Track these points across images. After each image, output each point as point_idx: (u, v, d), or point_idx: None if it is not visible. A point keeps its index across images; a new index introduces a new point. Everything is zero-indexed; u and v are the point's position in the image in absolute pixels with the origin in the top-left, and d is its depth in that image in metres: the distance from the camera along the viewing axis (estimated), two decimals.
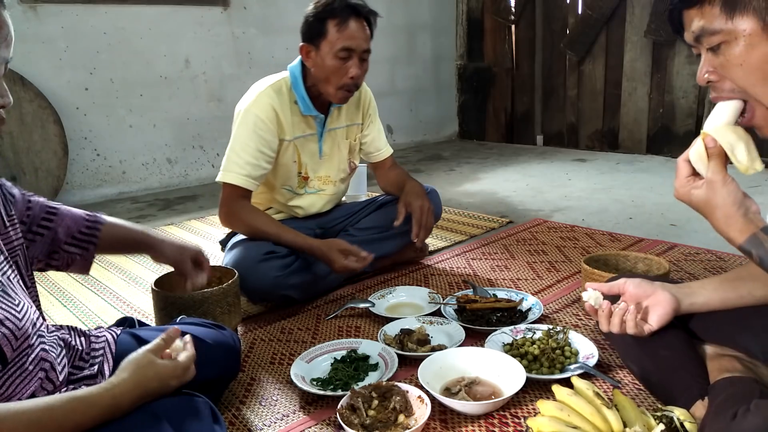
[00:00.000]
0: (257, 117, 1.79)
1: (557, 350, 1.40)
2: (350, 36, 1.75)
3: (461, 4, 5.26)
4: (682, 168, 0.99)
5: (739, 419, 0.85)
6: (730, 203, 0.92)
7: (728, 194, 0.93)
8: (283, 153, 1.88)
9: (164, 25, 3.71)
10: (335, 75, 1.77)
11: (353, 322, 1.75)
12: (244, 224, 1.83)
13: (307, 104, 1.87)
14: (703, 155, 0.96)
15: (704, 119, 3.98)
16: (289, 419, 1.28)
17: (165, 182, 3.88)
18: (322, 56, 1.77)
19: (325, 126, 1.95)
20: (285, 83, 1.87)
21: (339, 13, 1.74)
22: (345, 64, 1.76)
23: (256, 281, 1.72)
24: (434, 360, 1.37)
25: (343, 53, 1.75)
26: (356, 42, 1.76)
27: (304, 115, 1.89)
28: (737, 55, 0.88)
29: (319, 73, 1.80)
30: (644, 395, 1.28)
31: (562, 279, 2.02)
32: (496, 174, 3.92)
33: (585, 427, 1.06)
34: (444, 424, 1.23)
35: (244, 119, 1.81)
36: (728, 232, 0.93)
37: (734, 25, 0.87)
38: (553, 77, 4.88)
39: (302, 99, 1.86)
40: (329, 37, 1.75)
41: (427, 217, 1.95)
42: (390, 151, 2.18)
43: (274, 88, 1.84)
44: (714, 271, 2.03)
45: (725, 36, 0.88)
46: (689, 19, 0.92)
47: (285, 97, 1.85)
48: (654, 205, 2.96)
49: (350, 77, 1.78)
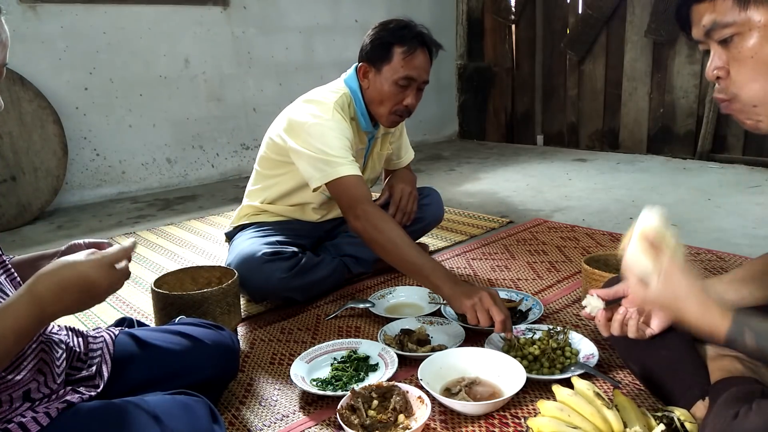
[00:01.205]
0: (337, 123, 1.73)
1: (558, 350, 1.40)
2: (415, 66, 1.75)
3: (461, 3, 5.26)
4: (631, 275, 0.95)
5: (741, 419, 0.84)
6: (699, 290, 0.88)
7: (694, 281, 0.89)
8: None
9: (164, 24, 3.70)
10: (391, 100, 1.77)
11: (353, 322, 1.75)
12: (386, 240, 1.56)
13: (368, 121, 1.86)
14: (644, 254, 0.93)
15: (705, 119, 3.99)
16: (289, 419, 1.28)
17: (165, 182, 3.87)
18: (382, 80, 1.77)
19: (371, 142, 1.97)
20: (347, 98, 1.84)
21: (408, 41, 1.74)
22: (404, 92, 1.77)
23: (260, 282, 1.72)
24: (434, 360, 1.36)
25: (404, 81, 1.75)
26: (418, 72, 1.76)
27: (360, 131, 1.89)
28: (750, 47, 0.87)
29: (375, 95, 1.80)
30: (645, 395, 1.28)
31: (562, 279, 2.02)
32: (496, 174, 3.92)
33: (585, 427, 1.06)
34: (444, 425, 1.23)
35: (320, 128, 1.71)
36: (709, 321, 0.86)
37: (748, 17, 0.86)
38: (554, 77, 4.88)
39: (363, 115, 1.85)
40: (393, 63, 1.74)
41: (407, 201, 1.96)
42: (411, 157, 2.20)
43: (339, 104, 1.80)
44: (714, 271, 2.03)
45: (738, 28, 0.87)
46: (699, 14, 0.91)
47: (348, 112, 1.83)
48: (654, 205, 2.95)
49: (405, 105, 1.78)
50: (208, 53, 3.92)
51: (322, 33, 4.41)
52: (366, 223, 1.59)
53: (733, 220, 2.63)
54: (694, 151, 4.11)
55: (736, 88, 0.91)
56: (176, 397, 0.98)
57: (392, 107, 1.79)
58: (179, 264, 2.36)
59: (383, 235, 1.57)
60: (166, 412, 0.91)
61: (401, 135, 2.15)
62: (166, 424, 0.89)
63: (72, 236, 2.84)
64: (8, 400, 0.86)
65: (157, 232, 2.87)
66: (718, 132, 4.00)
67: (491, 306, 1.39)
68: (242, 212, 2.03)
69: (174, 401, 0.96)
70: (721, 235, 2.45)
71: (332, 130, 1.72)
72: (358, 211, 1.61)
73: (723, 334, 0.86)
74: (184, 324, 1.26)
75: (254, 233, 1.89)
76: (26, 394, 0.88)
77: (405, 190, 1.98)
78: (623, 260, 0.96)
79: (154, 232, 2.87)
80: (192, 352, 1.13)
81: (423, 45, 1.77)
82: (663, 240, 0.93)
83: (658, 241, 0.92)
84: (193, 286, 1.67)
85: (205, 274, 1.71)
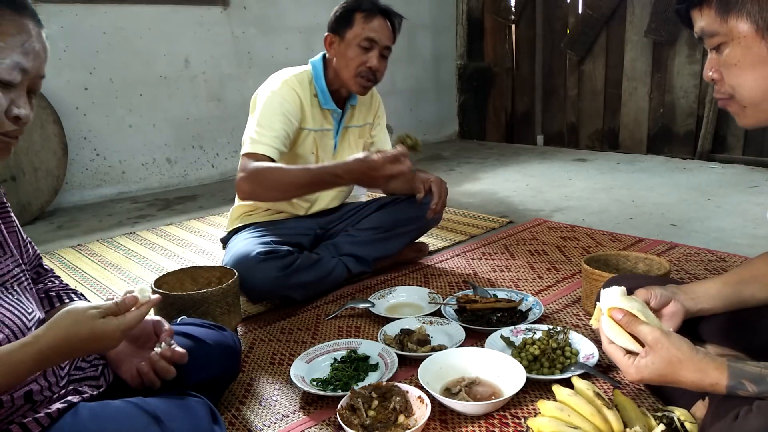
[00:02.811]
0: (284, 98, 1.85)
1: (557, 350, 1.40)
2: (375, 29, 1.85)
3: (461, 3, 5.25)
4: (615, 352, 0.97)
5: (741, 420, 0.84)
6: (688, 348, 0.89)
7: (680, 341, 0.90)
8: (302, 143, 1.92)
9: (164, 24, 3.70)
10: (355, 62, 1.85)
11: (353, 322, 1.75)
12: (272, 177, 1.70)
13: (327, 97, 1.93)
14: (622, 331, 0.95)
15: (705, 119, 3.99)
16: (289, 419, 1.28)
17: (164, 182, 3.87)
18: (346, 44, 1.86)
19: (341, 123, 2.01)
20: (307, 75, 1.94)
21: (367, 7, 1.85)
22: (366, 54, 1.85)
23: (256, 281, 1.72)
24: (434, 360, 1.36)
25: (366, 43, 1.84)
26: (379, 35, 1.86)
27: (322, 109, 1.95)
28: (732, 56, 0.91)
29: (340, 61, 1.88)
30: (645, 395, 1.28)
31: (562, 279, 2.02)
32: (496, 174, 3.92)
33: (585, 427, 1.06)
34: (444, 425, 1.23)
35: (269, 101, 1.84)
36: (707, 378, 0.87)
37: (729, 28, 0.90)
38: (554, 77, 4.88)
39: (322, 92, 1.93)
40: (355, 27, 1.85)
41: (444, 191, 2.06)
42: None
43: (298, 78, 1.91)
44: (714, 271, 2.03)
45: (723, 37, 0.92)
46: (694, 18, 0.96)
47: (307, 89, 1.92)
48: (654, 205, 2.96)
49: (368, 66, 1.85)
50: (208, 53, 3.92)
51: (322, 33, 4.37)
52: (249, 173, 1.70)
53: (733, 220, 2.63)
54: (694, 151, 4.11)
55: (731, 89, 0.95)
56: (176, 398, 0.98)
57: (356, 68, 1.86)
58: (179, 264, 2.36)
59: (270, 172, 1.70)
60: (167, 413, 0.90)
61: (379, 125, 2.18)
62: (166, 424, 0.89)
63: (72, 236, 2.84)
64: (9, 400, 0.86)
65: (157, 232, 2.87)
66: (718, 132, 4.00)
67: (384, 157, 1.60)
68: (234, 214, 2.03)
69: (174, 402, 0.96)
70: (721, 235, 2.45)
71: (277, 105, 1.81)
72: (246, 171, 1.70)
73: (724, 390, 0.87)
74: (186, 324, 1.26)
75: (249, 234, 1.89)
76: (28, 395, 0.88)
77: (438, 181, 2.06)
78: (603, 343, 0.99)
79: (154, 232, 2.87)
80: (194, 353, 1.13)
81: (383, 13, 1.88)
82: (633, 316, 0.95)
83: (628, 321, 0.94)
84: (193, 286, 1.67)
85: (205, 274, 1.71)
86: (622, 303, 0.97)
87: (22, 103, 0.82)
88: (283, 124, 1.82)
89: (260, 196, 1.80)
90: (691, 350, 0.90)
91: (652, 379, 0.92)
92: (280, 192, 1.75)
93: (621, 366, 0.96)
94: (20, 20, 0.80)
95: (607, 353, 0.99)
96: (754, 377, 0.86)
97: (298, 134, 1.90)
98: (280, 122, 1.81)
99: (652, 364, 0.91)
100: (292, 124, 1.85)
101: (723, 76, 0.95)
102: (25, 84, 0.83)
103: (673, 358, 0.89)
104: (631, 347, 0.95)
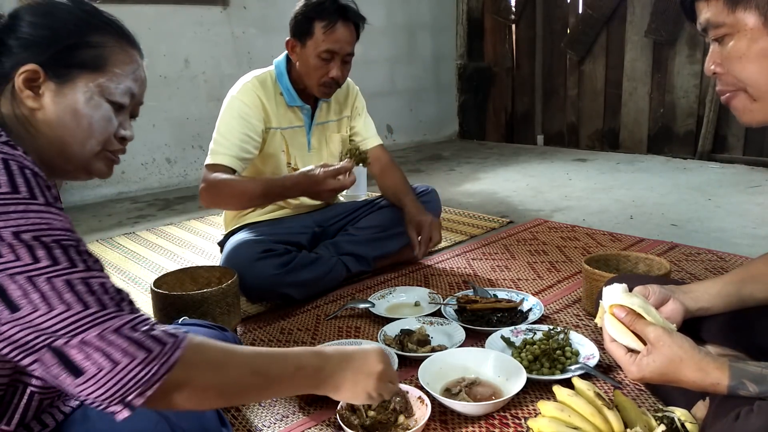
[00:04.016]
0: (242, 102, 1.85)
1: (558, 351, 1.39)
2: (335, 40, 1.80)
3: (461, 3, 5.25)
4: (616, 350, 0.97)
5: (742, 420, 0.84)
6: (689, 347, 0.89)
7: (682, 340, 0.90)
8: (270, 141, 1.91)
9: (164, 24, 3.70)
10: (316, 72, 1.83)
11: (353, 322, 1.75)
12: (226, 188, 1.76)
13: (292, 95, 1.92)
14: (624, 329, 0.95)
15: (705, 119, 3.99)
16: (289, 420, 1.28)
17: (164, 182, 3.87)
18: (306, 54, 1.83)
19: (313, 119, 2.00)
20: (270, 75, 1.94)
21: (327, 15, 1.78)
22: (327, 65, 1.82)
23: (253, 280, 1.72)
24: (434, 360, 1.36)
25: (326, 55, 1.81)
26: (339, 46, 1.81)
27: (291, 107, 1.94)
28: (738, 48, 0.90)
29: (303, 68, 1.86)
30: (645, 396, 1.28)
31: (562, 279, 2.02)
32: (496, 174, 3.92)
33: (586, 427, 1.06)
34: (444, 425, 1.22)
35: (228, 106, 1.87)
36: (708, 378, 0.87)
37: (736, 19, 0.89)
38: (554, 77, 4.87)
39: (287, 90, 1.92)
40: (315, 38, 1.80)
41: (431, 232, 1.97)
42: (377, 141, 2.18)
43: (259, 79, 1.91)
44: (715, 271, 2.02)
45: (729, 29, 0.90)
46: (699, 9, 0.94)
47: (270, 89, 1.91)
48: (654, 205, 2.96)
49: (331, 77, 1.83)
50: (208, 53, 3.92)
51: None
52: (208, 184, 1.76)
53: (733, 220, 2.63)
54: (694, 151, 4.11)
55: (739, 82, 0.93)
56: None
57: (319, 79, 1.84)
58: (179, 264, 2.36)
59: (225, 184, 1.75)
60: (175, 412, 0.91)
61: (359, 116, 2.14)
62: (175, 422, 0.90)
63: None
64: None
65: (157, 232, 2.87)
66: (719, 132, 4.00)
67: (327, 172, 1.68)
68: (228, 216, 2.03)
69: None
70: (721, 235, 2.44)
71: (236, 110, 1.83)
72: (212, 189, 1.76)
73: (725, 390, 0.87)
74: (187, 325, 1.26)
75: (246, 234, 1.89)
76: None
77: (425, 222, 1.96)
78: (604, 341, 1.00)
79: (154, 232, 2.87)
80: None
81: (344, 18, 1.80)
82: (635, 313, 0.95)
83: (630, 319, 0.94)
84: (192, 286, 1.67)
85: (204, 274, 1.71)
86: (624, 300, 0.97)
87: (127, 125, 0.92)
88: (243, 128, 1.82)
89: (220, 205, 1.88)
90: (692, 349, 0.90)
91: (654, 377, 0.92)
92: (237, 203, 1.83)
93: (622, 364, 0.96)
94: (132, 51, 0.91)
95: (609, 351, 0.99)
96: (755, 377, 0.86)
97: (266, 134, 1.90)
98: (239, 127, 1.82)
99: (654, 362, 0.91)
100: (254, 126, 1.84)
101: (726, 69, 0.94)
102: (129, 108, 0.92)
103: (675, 357, 0.89)
104: (633, 345, 0.95)
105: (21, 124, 0.82)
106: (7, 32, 0.82)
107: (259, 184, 1.79)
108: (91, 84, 0.84)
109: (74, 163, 0.86)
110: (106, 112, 0.86)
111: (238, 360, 0.83)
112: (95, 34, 0.86)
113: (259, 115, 1.86)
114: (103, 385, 0.69)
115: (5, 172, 0.69)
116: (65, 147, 0.84)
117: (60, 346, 0.68)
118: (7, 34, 0.82)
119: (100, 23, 0.88)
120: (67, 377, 0.68)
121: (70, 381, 0.68)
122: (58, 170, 0.86)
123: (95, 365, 0.68)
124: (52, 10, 0.85)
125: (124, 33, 0.91)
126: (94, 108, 0.85)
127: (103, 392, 0.69)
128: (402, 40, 5.02)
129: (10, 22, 0.83)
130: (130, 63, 0.89)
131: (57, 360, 0.68)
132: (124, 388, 0.70)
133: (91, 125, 0.85)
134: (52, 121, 0.82)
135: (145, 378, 0.71)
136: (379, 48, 4.81)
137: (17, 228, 0.68)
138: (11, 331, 0.67)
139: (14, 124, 0.81)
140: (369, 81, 4.43)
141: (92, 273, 0.72)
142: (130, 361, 0.70)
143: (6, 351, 0.68)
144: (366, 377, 0.98)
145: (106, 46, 0.86)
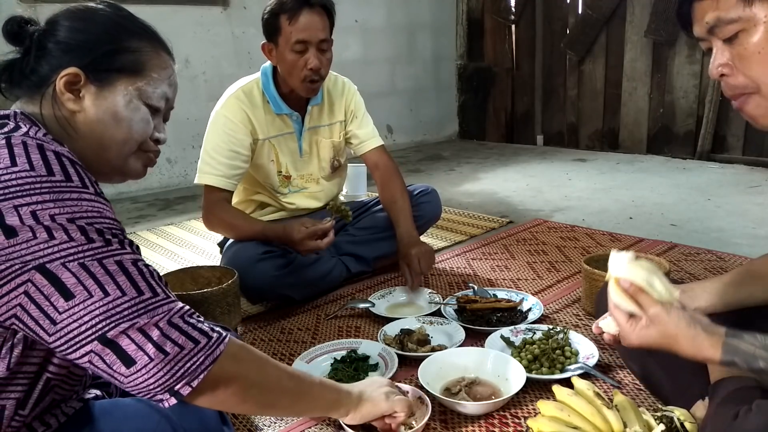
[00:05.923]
0: (226, 118, 1.83)
1: (557, 350, 1.40)
2: (302, 28, 1.73)
3: (461, 3, 5.26)
4: (618, 316, 0.98)
5: (741, 419, 0.84)
6: (685, 325, 0.90)
7: (678, 318, 0.91)
8: (259, 152, 1.90)
9: (164, 25, 3.60)
10: (295, 68, 1.78)
11: (353, 322, 1.75)
12: (222, 222, 1.86)
13: (278, 103, 1.89)
14: (627, 298, 0.96)
15: (705, 119, 3.99)
16: (289, 419, 1.28)
17: (165, 182, 3.87)
18: (281, 52, 1.78)
19: (304, 124, 1.96)
20: (256, 84, 1.90)
21: (289, 7, 1.73)
22: (303, 57, 1.76)
23: (253, 280, 1.72)
24: (434, 360, 1.36)
25: (299, 46, 1.75)
26: (309, 33, 1.74)
27: (279, 114, 1.90)
28: (756, 42, 0.85)
29: (283, 68, 1.82)
30: (644, 395, 1.28)
31: (562, 279, 2.02)
32: (496, 174, 3.92)
33: (585, 427, 1.06)
34: (444, 425, 1.23)
35: (214, 122, 1.85)
36: (702, 352, 0.89)
37: (753, 12, 0.84)
38: (553, 77, 4.88)
39: (272, 98, 1.88)
40: (284, 32, 1.75)
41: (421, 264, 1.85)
42: (377, 143, 2.09)
43: (245, 90, 1.87)
44: (714, 271, 2.03)
45: (743, 24, 0.85)
46: (702, 11, 0.89)
47: (257, 98, 1.87)
48: (654, 205, 2.96)
49: (309, 68, 1.77)
50: (208, 53, 3.92)
51: None
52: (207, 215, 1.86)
53: (732, 220, 2.63)
54: (694, 151, 4.11)
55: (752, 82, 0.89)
56: None
57: (299, 74, 1.78)
58: (179, 264, 2.36)
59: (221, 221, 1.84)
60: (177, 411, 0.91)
61: (355, 119, 2.07)
62: (177, 422, 0.90)
63: None
64: (86, 376, 0.90)
65: (157, 232, 2.87)
66: (718, 132, 4.00)
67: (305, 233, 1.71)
68: None
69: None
70: (721, 235, 2.45)
71: (220, 126, 1.83)
72: (210, 217, 1.85)
73: (718, 363, 0.89)
74: None
75: None
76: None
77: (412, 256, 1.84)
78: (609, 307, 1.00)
79: (154, 232, 2.87)
80: None
81: (308, 5, 1.74)
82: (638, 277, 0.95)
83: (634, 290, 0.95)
84: (193, 286, 1.67)
85: (205, 274, 1.71)
86: (629, 272, 0.97)
87: (161, 128, 0.95)
88: (229, 145, 1.81)
89: (220, 233, 1.96)
90: (688, 326, 0.90)
91: (652, 347, 0.95)
92: (234, 235, 1.87)
93: (623, 331, 0.97)
94: (166, 57, 0.94)
95: (612, 317, 1.00)
96: (746, 357, 0.86)
97: (255, 145, 1.88)
98: (225, 144, 1.81)
99: (651, 335, 0.93)
100: (241, 141, 1.82)
101: (737, 70, 0.89)
102: (163, 112, 0.94)
103: (670, 333, 0.91)
104: (636, 312, 0.96)
105: (61, 126, 0.84)
106: (47, 37, 0.84)
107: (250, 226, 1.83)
108: (131, 87, 0.87)
109: (112, 164, 0.89)
110: (145, 115, 0.89)
111: (275, 363, 0.91)
112: (132, 39, 0.88)
113: (245, 129, 1.83)
114: (154, 375, 0.72)
115: (58, 162, 0.73)
116: (104, 148, 0.86)
117: (114, 336, 0.70)
118: (47, 38, 0.84)
119: (136, 29, 0.90)
120: (121, 366, 0.71)
121: (123, 371, 0.71)
122: (95, 172, 0.87)
123: (147, 354, 0.72)
124: (91, 16, 0.87)
125: (159, 39, 0.94)
126: (133, 111, 0.87)
127: (154, 381, 0.72)
128: (402, 40, 5.02)
129: (49, 27, 0.85)
130: (165, 68, 0.92)
131: (111, 350, 0.70)
132: (173, 378, 0.73)
133: (130, 127, 0.87)
134: (93, 123, 0.85)
135: (192, 368, 0.75)
136: (379, 48, 4.82)
137: (72, 215, 0.71)
138: (67, 321, 0.69)
139: (55, 126, 0.83)
140: (369, 81, 4.43)
141: (140, 258, 0.78)
142: (179, 351, 0.74)
143: (62, 347, 0.71)
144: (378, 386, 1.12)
145: (143, 51, 0.89)
